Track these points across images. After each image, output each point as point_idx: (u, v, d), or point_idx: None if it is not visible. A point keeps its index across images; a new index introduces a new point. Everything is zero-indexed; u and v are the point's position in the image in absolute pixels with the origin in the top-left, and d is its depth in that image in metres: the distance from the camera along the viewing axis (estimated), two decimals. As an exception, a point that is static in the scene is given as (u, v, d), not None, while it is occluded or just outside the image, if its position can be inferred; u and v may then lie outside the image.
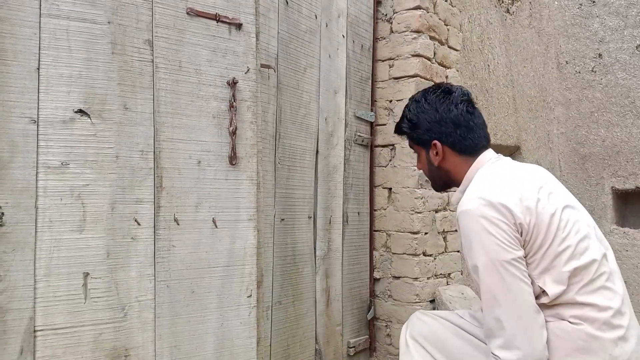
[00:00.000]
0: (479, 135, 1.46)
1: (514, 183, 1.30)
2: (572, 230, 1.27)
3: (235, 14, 1.59)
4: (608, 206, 3.55)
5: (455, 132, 1.44)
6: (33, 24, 1.30)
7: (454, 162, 1.48)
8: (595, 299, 1.24)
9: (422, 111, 1.49)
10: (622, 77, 3.52)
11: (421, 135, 1.50)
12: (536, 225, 1.24)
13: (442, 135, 1.46)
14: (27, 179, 1.29)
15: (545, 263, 1.24)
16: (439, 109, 1.46)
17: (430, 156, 1.51)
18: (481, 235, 1.24)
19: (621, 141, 3.50)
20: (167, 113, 1.48)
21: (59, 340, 1.31)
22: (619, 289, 1.28)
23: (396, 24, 2.42)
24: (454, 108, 1.44)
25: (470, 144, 1.45)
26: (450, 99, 1.46)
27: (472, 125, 1.45)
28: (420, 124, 1.49)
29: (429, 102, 1.48)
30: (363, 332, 2.41)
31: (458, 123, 1.44)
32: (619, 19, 3.54)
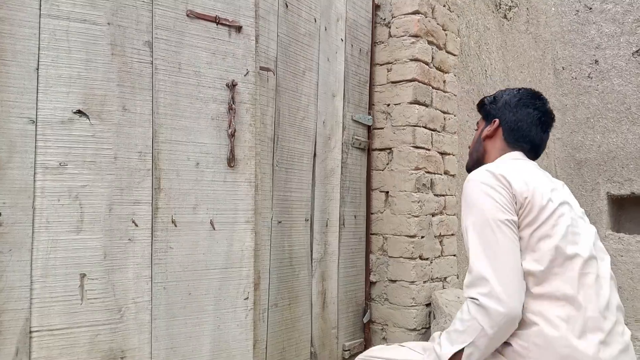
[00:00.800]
0: (527, 139, 1.54)
1: (523, 172, 1.38)
2: (564, 222, 1.32)
3: (235, 17, 1.59)
4: (603, 211, 3.56)
5: (515, 123, 1.54)
6: (33, 24, 1.30)
7: (496, 146, 1.58)
8: (578, 294, 1.26)
9: (508, 94, 1.61)
10: (618, 84, 3.54)
11: (492, 109, 1.62)
12: (531, 202, 1.30)
13: (505, 119, 1.57)
14: (24, 179, 1.28)
15: (532, 242, 1.29)
16: (520, 100, 1.56)
17: (485, 130, 1.62)
18: (480, 197, 1.33)
19: (617, 147, 3.52)
20: (166, 115, 1.48)
21: (55, 341, 1.31)
22: (604, 293, 1.31)
23: (394, 29, 2.43)
24: (531, 109, 1.54)
25: (518, 138, 1.54)
26: (535, 103, 1.56)
27: (531, 133, 1.54)
28: (498, 101, 1.61)
29: (519, 91, 1.60)
30: (358, 335, 2.41)
31: (523, 120, 1.54)
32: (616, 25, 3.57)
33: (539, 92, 1.62)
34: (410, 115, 2.35)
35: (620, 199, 3.58)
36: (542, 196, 1.34)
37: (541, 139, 1.57)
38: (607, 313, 1.28)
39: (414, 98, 2.35)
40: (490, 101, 1.66)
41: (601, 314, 1.27)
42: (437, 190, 2.49)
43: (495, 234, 1.28)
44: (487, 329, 1.23)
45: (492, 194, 1.32)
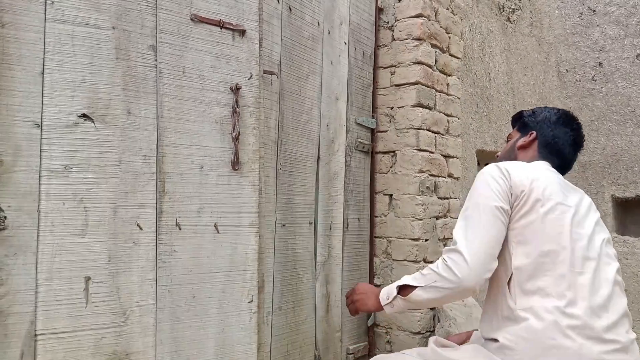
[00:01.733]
0: (560, 155, 1.61)
1: (533, 171, 1.45)
2: (563, 219, 1.37)
3: (239, 21, 1.60)
4: (608, 214, 3.55)
5: (553, 139, 1.62)
6: (38, 28, 1.31)
7: (527, 155, 1.64)
8: (567, 291, 1.30)
9: (549, 112, 1.69)
10: (622, 86, 3.53)
11: (530, 122, 1.68)
12: (527, 195, 1.39)
13: (542, 133, 1.64)
14: (30, 183, 1.29)
15: (525, 233, 1.37)
16: (560, 119, 1.64)
17: (520, 140, 1.68)
18: (480, 185, 1.44)
19: (621, 149, 3.51)
20: (170, 118, 1.49)
21: (60, 344, 1.31)
22: (603, 294, 1.32)
23: (398, 32, 2.43)
24: (569, 129, 1.62)
25: (552, 152, 1.61)
26: (572, 124, 1.64)
27: (564, 150, 1.61)
28: (537, 116, 1.68)
29: (558, 111, 1.67)
30: (362, 338, 2.40)
31: (559, 137, 1.61)
32: (619, 28, 3.56)
33: (575, 116, 1.71)
34: (413, 118, 2.35)
35: (625, 202, 3.57)
36: (544, 191, 1.39)
37: (571, 159, 1.65)
38: (602, 313, 1.28)
39: (417, 101, 2.35)
40: (529, 114, 1.73)
41: (594, 313, 1.27)
42: (441, 193, 2.49)
43: (480, 214, 1.39)
44: (440, 285, 1.37)
45: (490, 182, 1.41)
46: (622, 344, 1.28)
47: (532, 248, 1.35)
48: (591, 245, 1.38)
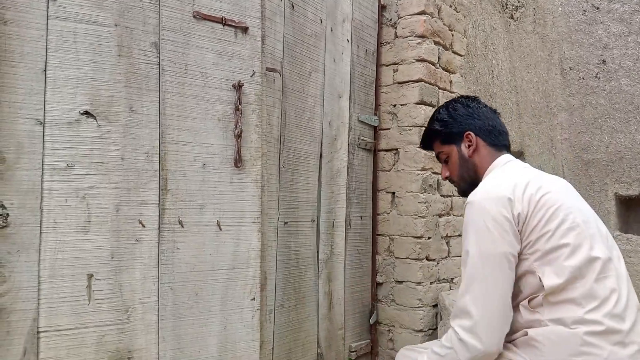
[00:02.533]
0: (502, 132, 1.55)
1: (526, 181, 1.35)
2: (574, 227, 1.30)
3: (242, 18, 1.60)
4: (611, 212, 3.54)
5: (486, 124, 1.53)
6: (40, 26, 1.31)
7: (483, 154, 1.53)
8: (595, 298, 1.25)
9: (454, 109, 1.57)
10: (626, 84, 3.52)
11: (454, 129, 1.55)
12: (534, 215, 1.28)
13: (474, 127, 1.54)
14: (32, 180, 1.29)
15: (546, 254, 1.27)
16: (470, 105, 1.55)
17: (462, 150, 1.56)
18: (479, 227, 1.30)
19: (625, 147, 3.50)
20: (172, 115, 1.48)
21: (63, 341, 1.31)
22: (624, 294, 1.29)
23: (401, 29, 2.43)
24: (483, 107, 1.55)
25: (498, 136, 1.53)
26: (477, 101, 1.57)
27: (497, 123, 1.55)
28: (454, 119, 1.56)
29: (459, 102, 1.57)
30: (365, 336, 2.40)
31: (487, 117, 1.54)
32: (623, 25, 3.55)
33: (462, 94, 1.62)
34: (416, 116, 2.35)
35: (628, 200, 3.55)
36: (550, 206, 1.30)
37: (505, 127, 1.58)
38: (625, 313, 1.27)
39: (420, 98, 2.34)
40: (443, 125, 1.57)
41: (619, 317, 1.25)
42: (444, 190, 2.48)
43: (487, 268, 1.28)
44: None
45: (490, 224, 1.28)
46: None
47: (560, 264, 1.26)
48: (606, 242, 1.34)
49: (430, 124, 1.62)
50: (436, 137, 1.60)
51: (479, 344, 1.26)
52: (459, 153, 1.57)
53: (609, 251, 1.33)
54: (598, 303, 1.25)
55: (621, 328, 1.24)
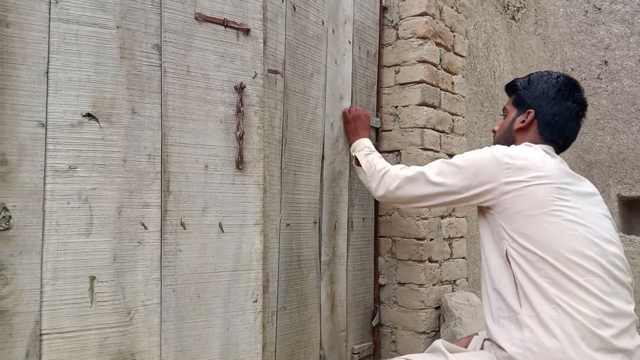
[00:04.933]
0: (563, 138, 1.53)
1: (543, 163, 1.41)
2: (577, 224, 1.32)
3: (243, 20, 1.60)
4: (614, 213, 3.53)
5: (553, 117, 1.50)
6: (42, 28, 1.31)
7: (527, 138, 1.54)
8: (579, 300, 1.25)
9: (546, 82, 1.54)
10: (628, 85, 3.51)
11: (527, 97, 1.56)
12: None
13: (541, 111, 1.52)
14: (34, 182, 1.29)
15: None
16: (560, 91, 1.51)
17: (516, 120, 1.58)
18: (475, 155, 1.48)
19: (627, 148, 3.49)
20: (174, 117, 1.48)
21: (65, 344, 1.31)
22: (613, 301, 1.27)
23: (402, 30, 2.43)
24: (570, 102, 1.50)
25: (554, 133, 1.51)
26: (574, 95, 1.51)
27: (567, 125, 1.51)
28: (535, 89, 1.54)
29: (558, 82, 1.53)
30: (367, 338, 2.40)
31: (562, 114, 1.50)
32: (625, 26, 3.54)
33: (576, 81, 1.55)
34: (418, 117, 2.34)
35: (631, 201, 3.55)
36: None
37: (576, 134, 1.55)
38: (612, 320, 1.24)
39: (422, 100, 2.34)
40: (524, 86, 1.58)
41: (602, 322, 1.23)
42: (446, 192, 2.48)
43: (457, 179, 1.49)
44: (370, 183, 1.82)
45: (478, 162, 1.46)
46: (628, 351, 1.24)
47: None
48: (604, 250, 1.33)
49: (522, 78, 1.63)
50: (512, 90, 1.64)
51: (391, 194, 1.67)
52: (512, 121, 1.59)
53: (607, 249, 1.35)
54: (577, 308, 1.25)
55: (603, 334, 1.22)
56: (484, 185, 1.43)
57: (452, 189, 1.51)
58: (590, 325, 1.22)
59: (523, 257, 1.32)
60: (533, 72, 1.62)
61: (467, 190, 1.48)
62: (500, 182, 1.39)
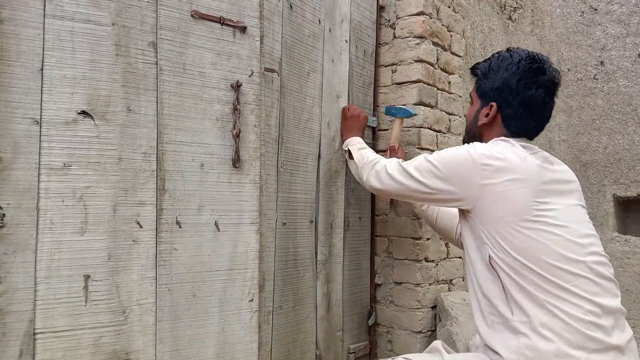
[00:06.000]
0: (534, 126, 1.45)
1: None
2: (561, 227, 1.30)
3: (240, 17, 1.59)
4: (610, 214, 3.54)
5: (518, 109, 1.42)
6: (37, 24, 1.30)
7: (494, 132, 1.48)
8: (569, 300, 1.24)
9: (506, 69, 1.44)
10: (624, 85, 3.52)
11: (487, 88, 1.48)
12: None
13: (504, 103, 1.44)
14: (29, 180, 1.28)
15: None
16: (521, 80, 1.41)
17: (480, 113, 1.51)
18: (452, 154, 1.44)
19: (623, 149, 3.50)
20: (170, 115, 1.48)
21: (59, 343, 1.30)
22: (602, 299, 1.27)
23: (399, 30, 2.42)
24: (535, 89, 1.40)
25: (521, 126, 1.44)
26: (538, 80, 1.41)
27: (536, 113, 1.43)
28: (495, 78, 1.45)
29: (519, 67, 1.42)
30: (363, 337, 2.39)
31: (527, 103, 1.41)
32: (621, 27, 3.55)
33: (541, 59, 1.43)
34: (415, 117, 2.34)
35: (626, 201, 3.56)
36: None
37: (549, 116, 1.46)
38: (603, 319, 1.24)
39: (418, 99, 2.34)
40: (484, 73, 1.49)
41: (594, 324, 1.22)
42: (443, 192, 2.47)
43: (420, 175, 1.49)
44: (361, 175, 1.82)
45: (457, 161, 1.42)
46: (620, 347, 1.24)
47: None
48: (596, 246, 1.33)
49: (484, 60, 1.55)
50: (473, 74, 1.58)
51: (380, 184, 1.67)
52: (477, 113, 1.52)
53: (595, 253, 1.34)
54: (568, 309, 1.25)
55: (596, 336, 1.21)
56: (458, 187, 1.38)
57: (430, 189, 1.47)
58: (584, 329, 1.21)
59: (507, 264, 1.29)
60: (494, 54, 1.51)
61: (442, 192, 1.44)
62: (476, 185, 1.34)
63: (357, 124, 2.11)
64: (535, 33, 3.65)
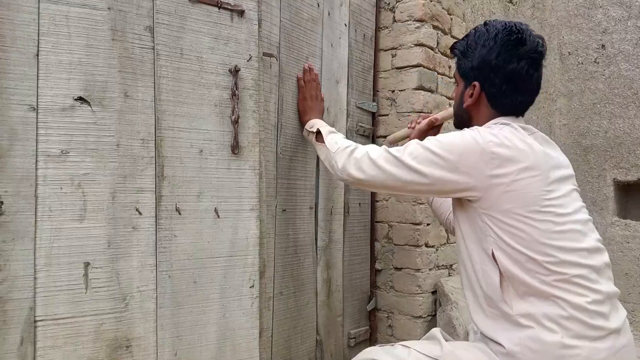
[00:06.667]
0: (522, 100, 1.38)
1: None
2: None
3: (238, 1, 1.56)
4: (610, 198, 3.54)
5: (501, 85, 1.35)
6: (32, 9, 1.28)
7: (482, 112, 1.42)
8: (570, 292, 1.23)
9: (483, 45, 1.37)
10: (625, 69, 3.49)
11: (467, 68, 1.41)
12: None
13: (486, 81, 1.37)
14: (26, 168, 1.27)
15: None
16: (501, 55, 1.34)
17: (465, 94, 1.44)
18: (456, 141, 1.31)
19: (624, 133, 3.48)
20: (168, 101, 1.46)
21: (60, 330, 1.30)
22: (601, 286, 1.26)
23: (399, 13, 2.39)
24: (516, 62, 1.33)
25: (509, 104, 1.38)
26: (518, 51, 1.33)
27: (522, 87, 1.36)
28: (473, 56, 1.38)
29: (496, 41, 1.35)
30: (364, 323, 2.40)
31: (510, 78, 1.34)
32: (623, 9, 3.52)
33: (519, 28, 1.35)
34: (415, 102, 2.32)
35: (627, 185, 3.55)
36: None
37: (538, 86, 1.39)
38: (601, 306, 1.23)
39: (419, 84, 2.32)
40: (462, 51, 1.42)
41: (595, 312, 1.22)
42: (443, 177, 2.47)
43: (429, 164, 1.33)
44: (334, 163, 1.56)
45: (460, 150, 1.30)
46: (618, 329, 1.25)
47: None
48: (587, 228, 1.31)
49: (462, 38, 1.46)
50: (453, 55, 1.50)
51: (361, 174, 1.45)
52: (461, 94, 1.46)
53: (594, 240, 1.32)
54: (571, 299, 1.24)
55: (596, 323, 1.21)
56: (465, 178, 1.29)
57: (429, 179, 1.33)
58: (587, 318, 1.21)
59: (511, 257, 1.25)
60: (471, 30, 1.44)
61: (444, 183, 1.32)
62: (485, 175, 1.26)
63: (319, 107, 1.91)
64: (536, 16, 3.61)
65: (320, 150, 1.73)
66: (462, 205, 1.38)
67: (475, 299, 1.37)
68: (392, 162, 1.40)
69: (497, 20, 1.42)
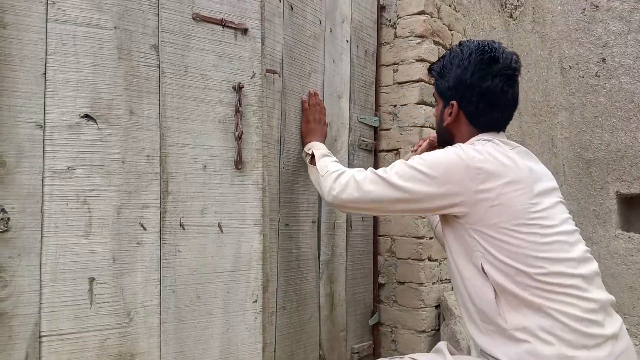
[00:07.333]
0: (500, 116, 1.41)
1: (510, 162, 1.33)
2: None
3: (241, 19, 1.59)
4: (613, 211, 3.54)
5: (478, 103, 1.38)
6: (40, 29, 1.31)
7: (463, 130, 1.45)
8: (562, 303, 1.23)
9: (458, 65, 1.41)
10: (626, 82, 3.51)
11: (444, 88, 1.45)
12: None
13: (463, 100, 1.40)
14: (33, 184, 1.29)
15: None
16: (475, 74, 1.38)
17: (444, 113, 1.47)
18: (440, 159, 1.33)
19: (625, 146, 3.50)
20: (173, 118, 1.48)
21: (65, 345, 1.31)
22: (598, 294, 1.28)
23: (400, 29, 2.43)
24: (490, 80, 1.37)
25: (487, 120, 1.41)
26: (492, 70, 1.37)
27: (498, 103, 1.39)
28: (449, 77, 1.42)
29: (470, 61, 1.39)
30: (367, 337, 2.40)
31: (485, 96, 1.38)
32: (623, 23, 3.55)
33: (492, 47, 1.39)
34: (417, 116, 2.34)
35: (630, 198, 3.55)
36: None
37: (515, 100, 1.41)
38: (596, 315, 1.24)
39: (420, 98, 2.34)
40: (439, 72, 1.46)
41: (589, 320, 1.22)
42: (445, 191, 2.47)
43: (416, 182, 1.34)
44: (323, 186, 1.60)
45: (442, 169, 1.32)
46: (615, 335, 1.25)
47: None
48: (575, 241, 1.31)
49: (438, 60, 1.51)
50: (430, 76, 1.53)
51: (346, 196, 1.48)
52: (441, 113, 1.49)
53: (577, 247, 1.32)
54: (565, 310, 1.24)
55: (591, 332, 1.21)
56: (452, 194, 1.30)
57: (416, 196, 1.35)
58: (583, 328, 1.21)
59: (501, 271, 1.26)
60: (447, 51, 1.48)
61: (431, 200, 1.33)
62: (472, 191, 1.28)
63: (321, 130, 1.94)
64: (536, 31, 3.65)
65: (312, 173, 1.77)
66: (449, 222, 1.39)
67: (468, 314, 1.37)
68: (379, 182, 1.43)
69: (470, 40, 1.47)
